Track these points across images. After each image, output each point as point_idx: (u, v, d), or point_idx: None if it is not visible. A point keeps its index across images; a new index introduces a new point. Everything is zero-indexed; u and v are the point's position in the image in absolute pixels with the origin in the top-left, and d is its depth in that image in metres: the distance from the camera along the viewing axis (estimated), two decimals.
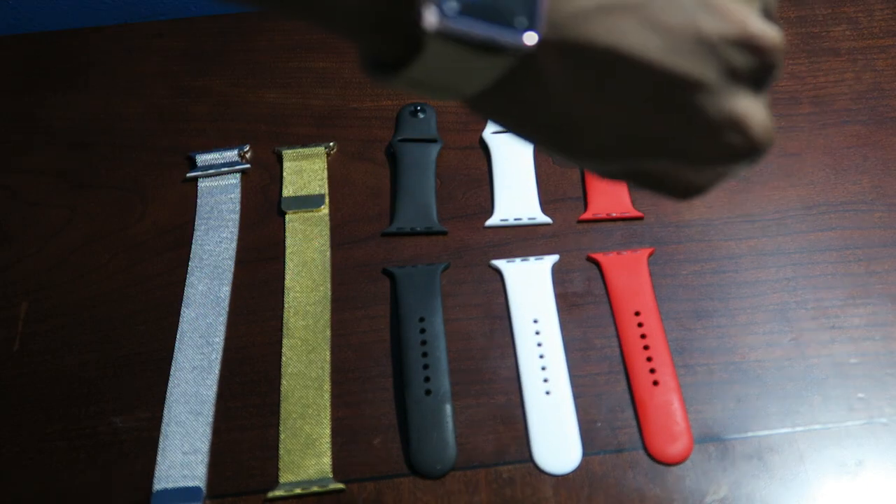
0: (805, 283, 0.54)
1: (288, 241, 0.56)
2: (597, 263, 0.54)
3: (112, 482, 0.47)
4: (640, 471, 0.47)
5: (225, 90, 0.64)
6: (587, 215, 0.57)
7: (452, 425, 0.48)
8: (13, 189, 0.59)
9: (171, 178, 0.59)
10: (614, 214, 0.56)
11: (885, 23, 0.66)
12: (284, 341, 0.52)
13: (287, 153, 0.59)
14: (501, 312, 0.53)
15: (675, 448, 0.47)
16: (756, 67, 0.27)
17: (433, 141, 0.60)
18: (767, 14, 0.28)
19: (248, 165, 0.59)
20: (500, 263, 0.54)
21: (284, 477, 0.47)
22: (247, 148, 0.60)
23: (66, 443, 0.49)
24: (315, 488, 0.46)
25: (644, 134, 0.27)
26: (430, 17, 0.23)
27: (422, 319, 0.52)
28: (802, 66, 0.64)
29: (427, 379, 0.49)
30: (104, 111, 0.63)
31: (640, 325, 0.52)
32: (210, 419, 0.49)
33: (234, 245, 0.56)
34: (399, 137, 0.60)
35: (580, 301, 0.53)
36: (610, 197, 0.57)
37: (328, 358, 0.51)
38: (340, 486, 0.47)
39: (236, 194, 0.58)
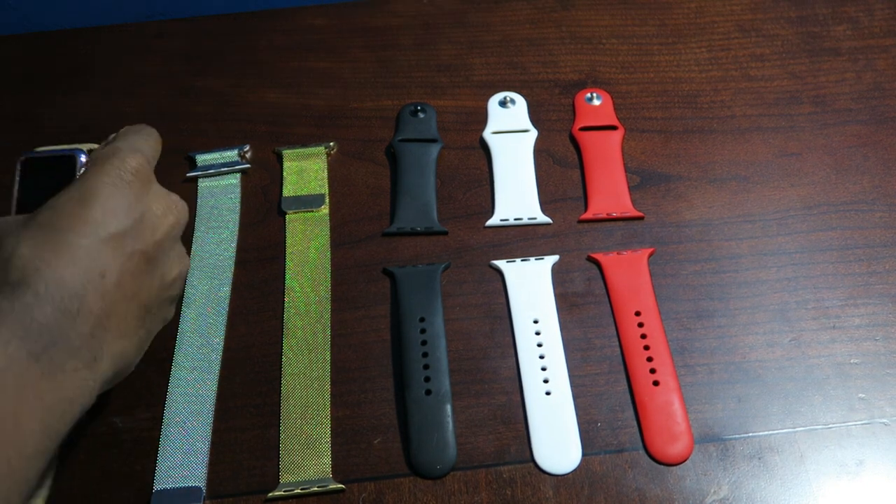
0: (806, 283, 0.53)
1: (288, 241, 0.56)
2: (597, 263, 0.54)
3: (112, 482, 0.47)
4: (641, 471, 0.47)
5: (225, 90, 0.64)
6: (587, 215, 0.56)
7: (452, 425, 0.48)
8: None
9: (171, 178, 0.59)
10: (614, 214, 0.56)
11: (886, 22, 0.66)
12: (284, 341, 0.52)
13: (287, 153, 0.59)
14: (501, 312, 0.53)
15: (675, 448, 0.47)
16: None
17: (433, 141, 0.60)
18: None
19: (248, 165, 0.59)
20: (500, 263, 0.54)
21: (284, 477, 0.47)
22: (247, 148, 0.60)
23: (66, 442, 0.48)
24: (315, 488, 0.46)
25: None
26: None
27: (422, 319, 0.52)
28: (803, 65, 0.64)
29: (427, 379, 0.49)
30: (104, 111, 0.63)
31: (640, 325, 0.52)
32: (210, 419, 0.49)
33: (234, 245, 0.56)
34: (399, 137, 0.60)
35: (580, 301, 0.53)
36: (610, 197, 0.57)
37: (328, 358, 0.51)
38: (340, 486, 0.47)
39: (236, 194, 0.58)
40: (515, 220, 0.56)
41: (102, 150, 0.42)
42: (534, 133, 0.60)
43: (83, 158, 0.50)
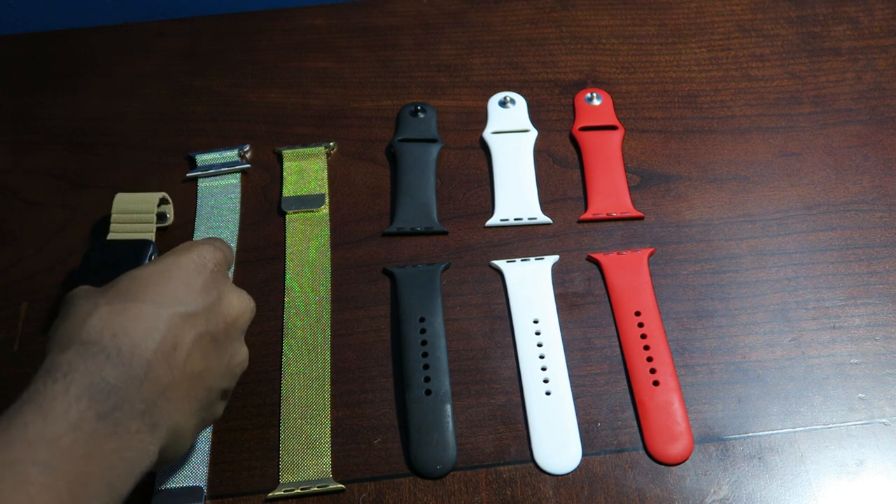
0: (806, 283, 0.53)
1: (288, 241, 0.56)
2: (597, 263, 0.54)
3: None
4: (641, 471, 0.47)
5: (225, 90, 0.64)
6: (587, 215, 0.56)
7: (452, 425, 0.48)
8: (13, 189, 0.59)
9: (171, 178, 0.59)
10: (614, 214, 0.56)
11: (886, 22, 0.66)
12: (284, 341, 0.52)
13: (287, 153, 0.59)
14: (501, 312, 0.53)
15: (675, 448, 0.47)
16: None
17: (433, 141, 0.60)
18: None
19: (248, 165, 0.59)
20: (500, 263, 0.54)
21: (284, 477, 0.47)
22: (247, 148, 0.60)
23: None
24: (315, 488, 0.46)
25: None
26: None
27: (422, 319, 0.52)
28: (803, 65, 0.64)
29: (427, 379, 0.49)
30: (104, 111, 0.63)
31: (640, 325, 0.52)
32: None
33: (234, 245, 0.56)
34: (399, 137, 0.60)
35: (580, 301, 0.53)
36: (610, 197, 0.57)
37: (328, 358, 0.51)
38: (340, 486, 0.47)
39: (236, 194, 0.58)
40: (515, 220, 0.56)
41: (183, 244, 0.44)
42: (534, 133, 0.60)
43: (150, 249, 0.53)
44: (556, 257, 0.55)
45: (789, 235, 0.56)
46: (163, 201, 0.56)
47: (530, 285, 0.53)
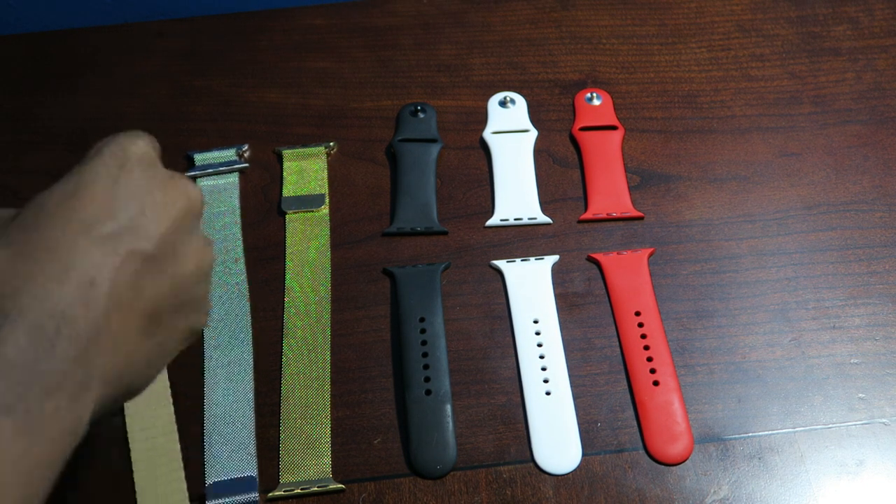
0: (806, 283, 0.53)
1: (288, 241, 0.56)
2: (597, 263, 0.54)
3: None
4: (641, 471, 0.47)
5: (225, 90, 0.64)
6: (587, 215, 0.56)
7: (452, 425, 0.48)
8: (13, 189, 0.59)
9: None
10: (614, 214, 0.56)
11: (886, 22, 0.66)
12: (284, 341, 0.52)
13: (287, 153, 0.59)
14: (501, 312, 0.53)
15: (675, 448, 0.47)
16: None
17: (433, 141, 0.60)
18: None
19: (246, 165, 0.59)
20: (500, 263, 0.54)
21: (284, 477, 0.47)
22: (245, 147, 0.60)
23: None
24: (315, 488, 0.46)
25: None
26: None
27: (422, 319, 0.52)
28: (803, 65, 0.64)
29: (427, 379, 0.49)
30: (104, 111, 0.63)
31: (640, 325, 0.52)
32: (251, 413, 0.48)
33: (236, 246, 0.56)
34: (399, 137, 0.60)
35: (580, 301, 0.53)
36: (610, 197, 0.57)
37: (328, 358, 0.51)
38: (340, 486, 0.47)
39: (235, 194, 0.58)
40: (515, 220, 0.56)
41: (103, 139, 0.36)
42: (534, 133, 0.60)
43: None
44: (556, 257, 0.55)
45: (789, 235, 0.56)
46: None
47: (530, 285, 0.53)
